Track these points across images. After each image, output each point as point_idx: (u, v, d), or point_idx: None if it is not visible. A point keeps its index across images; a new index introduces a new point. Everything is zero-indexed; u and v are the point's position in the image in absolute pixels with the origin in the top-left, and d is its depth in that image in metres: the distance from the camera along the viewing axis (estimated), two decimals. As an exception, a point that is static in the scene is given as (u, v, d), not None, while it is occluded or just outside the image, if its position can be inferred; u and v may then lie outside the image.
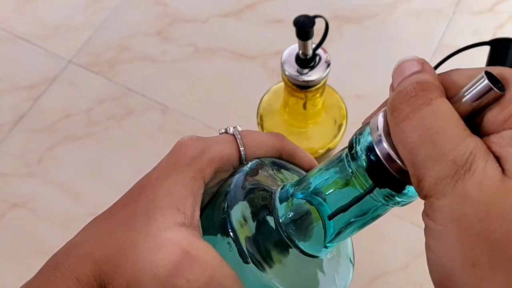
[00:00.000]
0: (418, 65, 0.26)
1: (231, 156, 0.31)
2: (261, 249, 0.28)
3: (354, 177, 0.26)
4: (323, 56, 0.49)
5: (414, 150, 0.23)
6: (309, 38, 0.46)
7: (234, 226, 0.28)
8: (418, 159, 0.23)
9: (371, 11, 0.83)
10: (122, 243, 0.28)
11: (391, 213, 0.29)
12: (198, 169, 0.29)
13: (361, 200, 0.27)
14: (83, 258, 0.28)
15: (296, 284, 0.29)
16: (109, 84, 0.77)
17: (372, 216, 0.28)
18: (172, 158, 0.30)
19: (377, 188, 0.26)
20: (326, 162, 0.28)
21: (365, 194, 0.26)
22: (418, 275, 0.66)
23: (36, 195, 0.70)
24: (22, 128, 0.74)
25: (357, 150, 0.26)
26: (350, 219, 0.28)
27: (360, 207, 0.27)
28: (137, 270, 0.27)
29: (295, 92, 0.49)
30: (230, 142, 0.31)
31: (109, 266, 0.27)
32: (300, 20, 0.45)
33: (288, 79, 0.48)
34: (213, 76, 0.78)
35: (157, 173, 0.30)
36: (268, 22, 0.82)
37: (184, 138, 0.31)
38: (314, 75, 0.48)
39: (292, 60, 0.49)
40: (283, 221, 0.29)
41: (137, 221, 0.28)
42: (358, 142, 0.26)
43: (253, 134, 0.32)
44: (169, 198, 0.28)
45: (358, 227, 0.29)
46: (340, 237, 0.30)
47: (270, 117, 0.53)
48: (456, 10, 0.84)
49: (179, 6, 0.84)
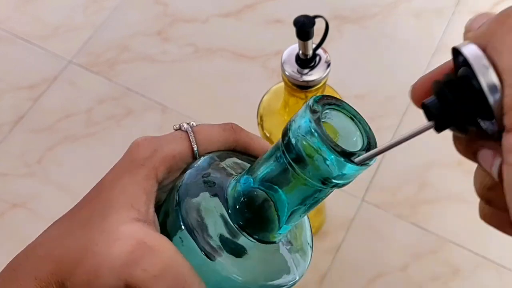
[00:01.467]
0: None
1: (184, 154, 0.31)
2: (214, 240, 0.29)
3: (293, 169, 0.27)
4: (323, 56, 0.49)
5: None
6: (309, 38, 0.46)
7: (185, 220, 0.29)
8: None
9: (371, 11, 0.83)
10: (80, 241, 0.29)
11: (391, 213, 0.29)
12: (151, 168, 0.30)
13: (305, 185, 0.28)
14: (42, 258, 0.29)
15: (253, 271, 0.30)
16: (109, 84, 0.77)
17: (319, 196, 0.29)
18: (126, 159, 0.31)
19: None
20: (269, 151, 0.29)
21: (306, 182, 0.27)
22: (417, 275, 0.66)
23: (36, 195, 0.70)
24: (22, 128, 0.74)
25: (291, 139, 0.27)
26: (299, 201, 0.29)
27: (304, 192, 0.28)
28: (95, 264, 0.28)
29: (295, 92, 0.49)
30: (182, 139, 0.32)
31: (68, 264, 0.28)
32: (300, 20, 0.45)
33: (288, 79, 0.48)
34: (213, 76, 0.78)
35: (112, 175, 0.31)
36: (268, 22, 0.82)
37: (137, 139, 0.32)
38: (314, 75, 0.48)
39: (292, 60, 0.49)
40: (235, 211, 0.30)
41: (94, 220, 0.29)
42: (291, 131, 0.27)
43: (205, 129, 0.32)
44: (124, 197, 0.29)
45: (309, 207, 0.30)
46: (292, 219, 0.30)
47: (270, 117, 0.53)
48: (456, 10, 0.84)
49: (179, 6, 0.84)
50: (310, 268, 0.65)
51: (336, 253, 0.67)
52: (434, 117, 0.25)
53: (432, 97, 0.25)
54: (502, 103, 0.22)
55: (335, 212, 0.69)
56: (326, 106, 0.27)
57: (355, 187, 0.69)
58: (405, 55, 0.78)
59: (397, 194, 0.69)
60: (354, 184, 0.29)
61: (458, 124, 0.25)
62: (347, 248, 0.67)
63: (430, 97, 0.26)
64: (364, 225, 0.68)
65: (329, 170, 0.26)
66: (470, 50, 0.24)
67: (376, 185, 0.70)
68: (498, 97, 0.23)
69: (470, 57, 0.23)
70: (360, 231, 0.68)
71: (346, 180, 0.27)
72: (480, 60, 0.23)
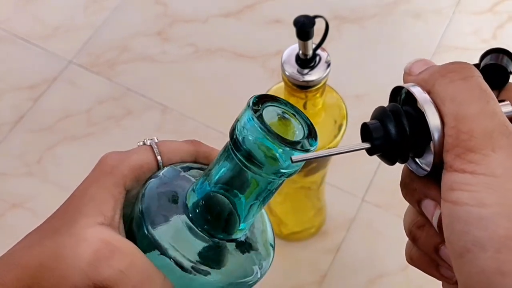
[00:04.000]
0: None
1: (150, 164, 0.33)
2: (179, 244, 0.31)
3: (244, 166, 0.29)
4: (323, 56, 0.49)
5: (465, 104, 0.25)
6: (309, 38, 0.46)
7: (148, 227, 0.31)
8: (469, 113, 0.24)
9: (371, 11, 0.83)
10: (49, 247, 0.30)
11: (391, 213, 0.29)
12: (119, 176, 0.32)
13: (257, 180, 0.29)
14: (9, 265, 0.30)
15: (218, 270, 0.31)
16: (109, 84, 0.77)
17: (272, 188, 0.30)
18: (96, 170, 0.33)
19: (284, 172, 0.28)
20: (219, 153, 0.31)
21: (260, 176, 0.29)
22: (417, 276, 0.66)
23: (36, 195, 0.70)
24: (22, 128, 0.74)
25: (238, 138, 0.28)
26: (255, 195, 0.31)
27: (258, 185, 0.30)
28: (64, 267, 0.29)
29: (295, 92, 0.49)
30: (147, 151, 0.33)
31: (35, 269, 0.29)
32: (300, 20, 0.45)
33: (288, 79, 0.48)
34: (213, 76, 0.78)
35: (82, 186, 0.33)
36: (268, 22, 0.82)
37: (106, 153, 0.34)
38: (314, 75, 0.48)
39: (292, 60, 0.49)
40: (195, 215, 0.31)
41: (63, 227, 0.31)
42: (237, 130, 0.28)
43: (168, 143, 0.34)
44: (93, 204, 0.31)
45: (264, 199, 0.31)
46: (251, 214, 0.32)
47: (270, 117, 0.53)
48: (456, 10, 0.84)
49: (179, 6, 0.84)
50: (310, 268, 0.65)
51: (336, 253, 0.67)
52: (371, 140, 0.27)
53: (375, 121, 0.28)
54: (442, 142, 0.25)
55: (335, 212, 0.69)
56: (266, 103, 0.29)
57: (355, 187, 0.69)
58: (405, 55, 0.78)
59: (397, 194, 0.69)
60: (354, 184, 0.29)
61: (392, 154, 0.27)
62: (347, 248, 0.67)
63: (372, 120, 0.28)
64: (364, 225, 0.68)
65: (277, 161, 0.28)
66: (418, 92, 0.27)
67: (376, 185, 0.70)
68: (439, 136, 0.25)
69: (419, 97, 0.26)
70: (360, 231, 0.68)
71: (294, 168, 0.29)
72: (428, 102, 0.26)
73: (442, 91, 0.26)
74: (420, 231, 0.29)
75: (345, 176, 0.70)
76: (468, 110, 0.25)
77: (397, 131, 0.27)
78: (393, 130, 0.27)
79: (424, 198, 0.28)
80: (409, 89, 0.27)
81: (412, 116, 0.27)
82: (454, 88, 0.25)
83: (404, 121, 0.27)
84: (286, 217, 0.66)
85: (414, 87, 0.27)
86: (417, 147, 0.27)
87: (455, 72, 0.26)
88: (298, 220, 0.68)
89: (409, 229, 0.29)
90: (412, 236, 0.29)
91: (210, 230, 0.31)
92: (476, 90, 0.25)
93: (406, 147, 0.27)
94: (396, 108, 0.27)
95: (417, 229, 0.29)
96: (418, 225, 0.29)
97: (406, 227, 0.30)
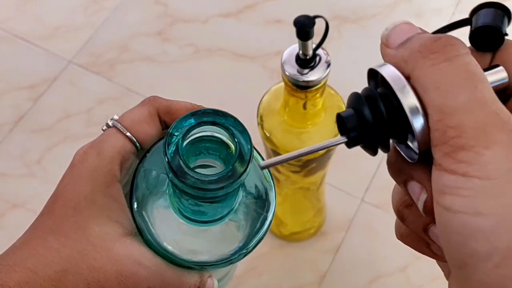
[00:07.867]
0: (417, 28, 0.25)
1: (126, 146, 0.32)
2: (171, 232, 0.31)
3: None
4: (323, 56, 0.49)
5: (451, 93, 0.21)
6: (309, 38, 0.46)
7: (137, 219, 0.31)
8: (455, 103, 0.21)
9: (371, 11, 0.83)
10: (62, 250, 0.29)
11: (391, 214, 0.29)
12: (106, 173, 0.31)
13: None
14: (12, 266, 0.29)
15: (212, 249, 0.32)
16: (109, 84, 0.77)
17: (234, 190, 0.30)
18: (73, 170, 0.32)
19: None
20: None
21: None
22: (417, 276, 0.66)
23: (36, 195, 0.70)
24: (22, 128, 0.74)
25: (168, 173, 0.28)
26: (223, 201, 0.31)
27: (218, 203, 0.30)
28: (95, 279, 0.29)
29: (295, 92, 0.49)
30: (115, 133, 0.32)
31: (53, 271, 0.29)
32: (300, 20, 0.45)
33: (288, 79, 0.48)
34: (213, 76, 0.78)
35: (66, 181, 0.32)
36: (268, 22, 0.82)
37: (78, 150, 0.32)
38: (314, 75, 0.48)
39: (292, 60, 0.49)
40: (181, 214, 0.32)
41: (67, 228, 0.30)
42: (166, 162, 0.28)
43: (127, 114, 0.32)
44: (95, 208, 0.30)
45: (233, 196, 0.31)
46: (229, 204, 0.31)
47: (270, 117, 0.53)
48: (456, 10, 0.84)
49: (179, 6, 0.84)
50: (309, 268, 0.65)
51: (336, 253, 0.67)
52: (347, 131, 0.25)
53: (349, 110, 0.25)
54: (428, 134, 0.22)
55: (335, 212, 0.69)
56: (188, 133, 0.29)
57: (355, 188, 0.69)
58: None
59: (397, 194, 0.69)
60: (354, 184, 0.29)
61: (372, 142, 0.25)
62: (347, 248, 0.67)
63: (346, 110, 0.25)
64: (364, 225, 0.68)
65: (200, 194, 0.28)
66: (389, 72, 0.24)
67: (376, 186, 0.70)
68: (421, 122, 0.22)
69: (389, 78, 0.23)
70: (360, 231, 0.68)
71: (236, 180, 0.28)
72: (400, 82, 0.23)
73: (424, 77, 0.22)
74: (408, 211, 0.26)
75: (344, 177, 0.70)
76: (455, 100, 0.21)
77: (373, 118, 0.24)
78: (369, 116, 0.24)
79: (410, 180, 0.25)
80: (382, 73, 0.24)
81: (389, 98, 0.24)
82: (438, 73, 0.22)
83: (380, 105, 0.24)
84: (286, 217, 0.66)
85: (385, 67, 0.24)
86: (399, 132, 0.24)
87: (439, 53, 0.22)
88: (298, 221, 0.68)
89: (397, 208, 0.27)
90: (400, 216, 0.27)
91: (198, 222, 0.32)
92: (462, 74, 0.22)
93: (385, 133, 0.24)
94: (370, 93, 0.25)
95: (405, 208, 0.27)
96: (406, 204, 0.26)
97: (394, 206, 0.27)
